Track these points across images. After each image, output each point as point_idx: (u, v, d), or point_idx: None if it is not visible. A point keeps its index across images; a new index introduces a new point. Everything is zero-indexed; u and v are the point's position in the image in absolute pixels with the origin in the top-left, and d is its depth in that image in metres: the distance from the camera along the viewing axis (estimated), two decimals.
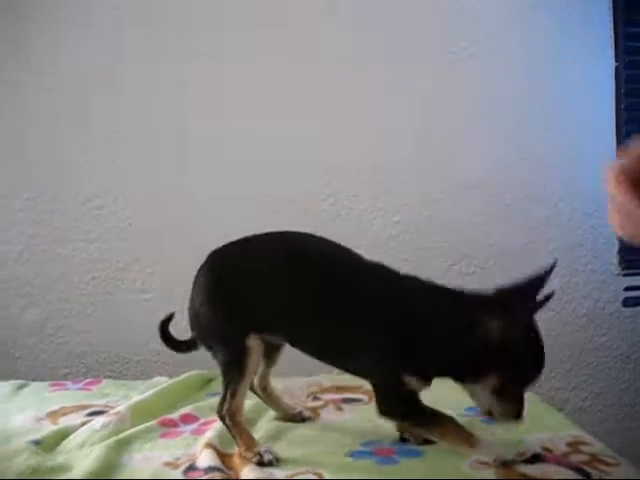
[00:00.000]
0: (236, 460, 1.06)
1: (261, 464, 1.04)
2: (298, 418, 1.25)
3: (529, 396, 1.37)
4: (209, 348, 1.17)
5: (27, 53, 1.85)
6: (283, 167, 1.91)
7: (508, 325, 1.01)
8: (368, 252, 1.88)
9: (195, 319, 1.18)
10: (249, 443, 1.09)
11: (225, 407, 1.10)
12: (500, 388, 1.03)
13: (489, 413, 1.07)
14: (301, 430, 1.20)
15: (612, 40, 1.98)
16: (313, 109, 1.91)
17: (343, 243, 1.89)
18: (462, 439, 1.02)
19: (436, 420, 1.05)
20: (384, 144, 1.93)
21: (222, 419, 1.11)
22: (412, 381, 1.05)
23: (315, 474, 0.99)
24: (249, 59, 1.89)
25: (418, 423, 1.08)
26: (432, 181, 1.94)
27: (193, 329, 1.20)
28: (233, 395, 1.10)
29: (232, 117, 1.90)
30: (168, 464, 1.05)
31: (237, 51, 1.89)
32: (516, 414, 1.05)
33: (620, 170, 0.74)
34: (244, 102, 1.90)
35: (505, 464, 1.00)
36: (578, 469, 0.99)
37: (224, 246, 1.22)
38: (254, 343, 1.12)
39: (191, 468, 1.03)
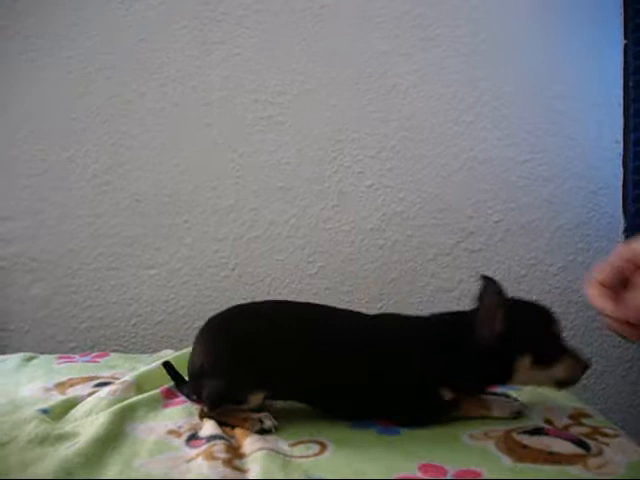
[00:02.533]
0: (238, 431, 1.07)
1: (263, 431, 1.05)
2: None
3: None
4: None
5: (31, 32, 1.86)
6: (288, 144, 1.91)
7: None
8: (374, 229, 1.93)
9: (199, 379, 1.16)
10: (245, 415, 1.10)
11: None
12: (537, 359, 1.08)
13: (561, 384, 1.12)
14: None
15: (622, 17, 1.96)
16: (319, 86, 1.91)
17: (350, 220, 1.93)
18: (478, 408, 1.11)
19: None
20: (390, 122, 1.93)
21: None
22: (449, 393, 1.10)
23: (318, 443, 1.00)
24: (255, 36, 1.89)
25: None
26: (438, 159, 1.93)
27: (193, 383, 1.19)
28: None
29: (238, 95, 1.90)
30: (171, 432, 1.07)
31: (244, 30, 1.89)
32: (581, 364, 1.10)
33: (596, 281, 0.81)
34: (250, 80, 1.90)
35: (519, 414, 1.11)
36: (578, 441, 1.00)
37: (221, 313, 1.21)
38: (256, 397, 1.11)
39: (193, 437, 1.05)
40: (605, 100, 1.96)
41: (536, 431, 1.04)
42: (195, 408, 1.17)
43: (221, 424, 1.09)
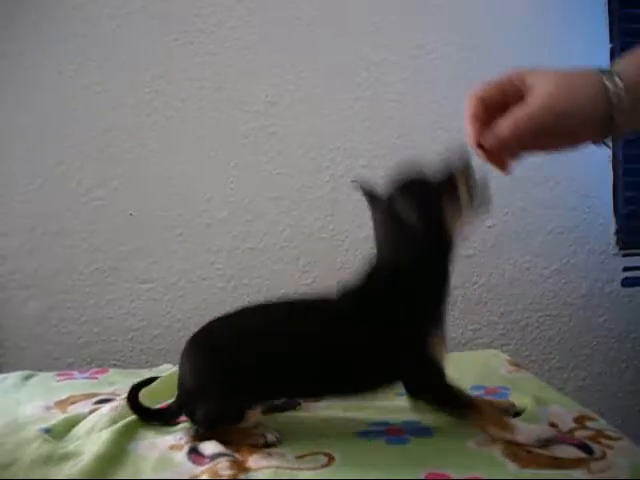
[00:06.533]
0: (242, 447, 1.06)
1: (267, 445, 1.03)
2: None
3: (530, 379, 1.38)
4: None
5: (24, 49, 1.86)
6: (281, 155, 1.92)
7: None
8: (369, 237, 1.92)
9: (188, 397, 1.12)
10: (246, 432, 1.07)
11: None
12: None
13: None
14: (310, 413, 1.21)
15: (607, 21, 1.98)
16: (310, 96, 1.92)
17: (344, 230, 1.93)
18: (498, 423, 1.02)
19: (473, 405, 1.05)
20: (381, 130, 1.94)
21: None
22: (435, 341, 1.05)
23: (325, 454, 1.00)
24: (247, 48, 1.90)
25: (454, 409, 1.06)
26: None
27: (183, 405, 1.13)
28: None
29: (230, 107, 1.91)
30: (173, 447, 1.06)
31: (236, 42, 1.90)
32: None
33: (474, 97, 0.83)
34: (242, 91, 1.91)
35: (548, 442, 0.99)
36: (582, 445, 1.01)
37: (204, 327, 1.15)
38: (254, 413, 1.07)
39: (195, 451, 1.03)
40: None
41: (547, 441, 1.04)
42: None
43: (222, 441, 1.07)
